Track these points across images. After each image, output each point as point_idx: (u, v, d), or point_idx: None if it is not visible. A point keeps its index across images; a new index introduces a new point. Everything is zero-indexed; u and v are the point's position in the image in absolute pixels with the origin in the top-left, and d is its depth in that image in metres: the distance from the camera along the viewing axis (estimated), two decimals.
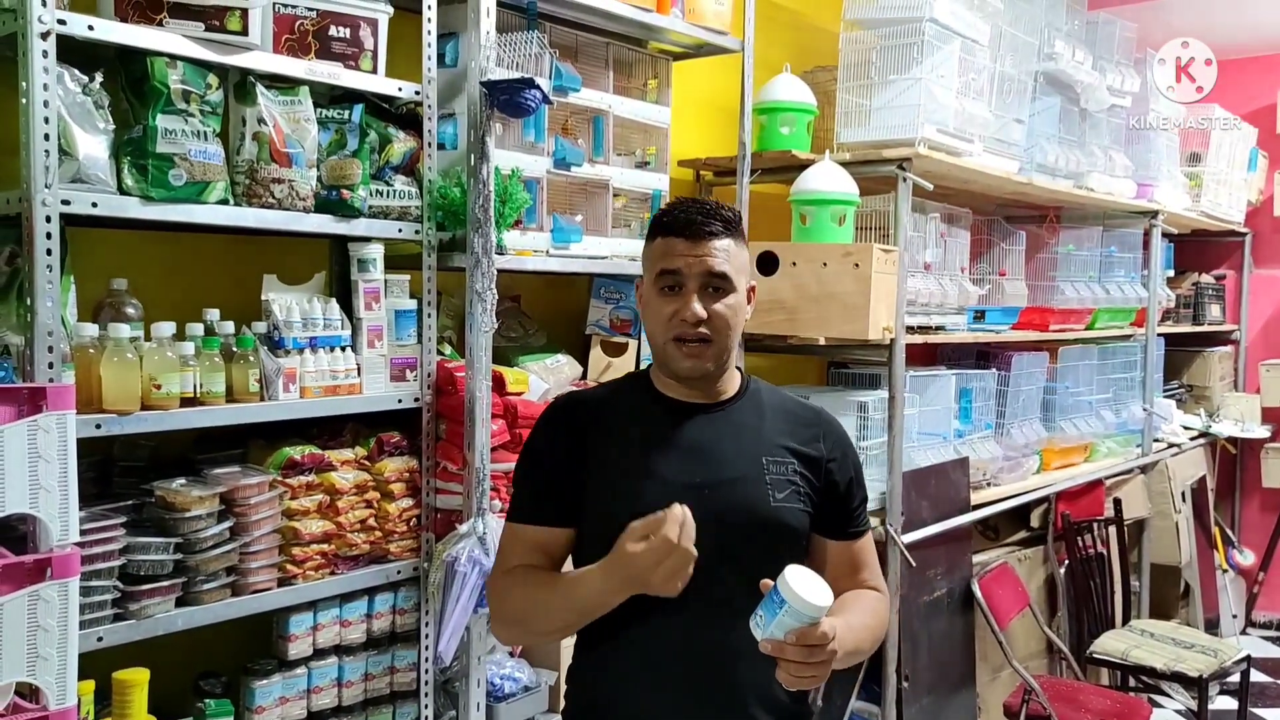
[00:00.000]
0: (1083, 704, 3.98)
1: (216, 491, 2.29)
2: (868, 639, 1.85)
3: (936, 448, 3.94)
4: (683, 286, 1.80)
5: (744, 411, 1.90)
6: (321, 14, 2.42)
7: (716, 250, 1.80)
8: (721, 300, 1.80)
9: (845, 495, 1.93)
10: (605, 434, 1.87)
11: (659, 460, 1.82)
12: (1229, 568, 6.21)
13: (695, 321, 1.78)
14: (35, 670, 1.81)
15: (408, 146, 2.64)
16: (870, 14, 3.71)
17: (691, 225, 1.80)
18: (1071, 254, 4.99)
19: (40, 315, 1.96)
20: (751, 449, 1.86)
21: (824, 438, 1.92)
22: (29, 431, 1.78)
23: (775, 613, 1.58)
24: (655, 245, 1.85)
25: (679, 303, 1.79)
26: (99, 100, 2.10)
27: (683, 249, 1.80)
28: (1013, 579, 4.23)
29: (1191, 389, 6.44)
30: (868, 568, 1.97)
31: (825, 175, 3.49)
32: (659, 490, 1.77)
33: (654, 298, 1.83)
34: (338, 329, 2.52)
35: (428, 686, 2.73)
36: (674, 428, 1.86)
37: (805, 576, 1.59)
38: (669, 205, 1.89)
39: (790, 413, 1.95)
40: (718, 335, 1.80)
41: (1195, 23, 5.34)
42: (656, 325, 1.83)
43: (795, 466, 1.87)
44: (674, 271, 1.80)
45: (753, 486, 1.83)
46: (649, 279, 1.86)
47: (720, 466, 1.83)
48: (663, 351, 1.84)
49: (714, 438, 1.85)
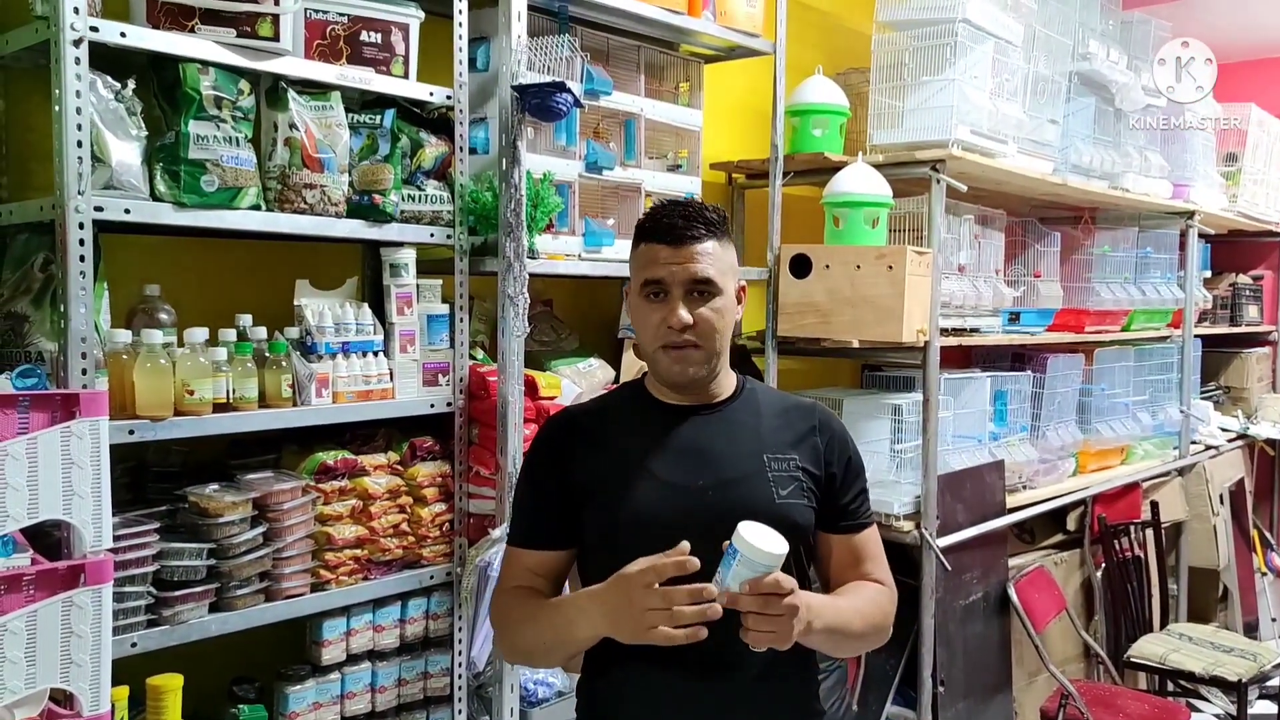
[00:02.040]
0: (1120, 709, 3.93)
1: (249, 497, 2.30)
2: (856, 621, 1.81)
3: (971, 450, 3.90)
4: (668, 293, 1.78)
5: (741, 411, 1.89)
6: (353, 19, 2.42)
7: (700, 255, 1.78)
8: (707, 304, 1.78)
9: (843, 488, 1.91)
10: (602, 446, 1.86)
11: (659, 464, 1.81)
12: (1268, 571, 6.12)
13: (681, 328, 1.76)
14: (69, 676, 1.81)
15: (439, 151, 2.64)
16: (903, 15, 3.68)
17: (673, 230, 1.78)
18: (1107, 255, 4.94)
19: (73, 321, 1.97)
20: (752, 447, 1.84)
21: (820, 431, 1.91)
22: (62, 438, 1.79)
23: (730, 564, 1.58)
24: (639, 252, 1.83)
25: (664, 310, 1.78)
26: (131, 107, 2.11)
27: (666, 256, 1.78)
28: (1049, 582, 4.19)
29: (1229, 390, 6.37)
30: (871, 560, 1.94)
31: (858, 177, 3.46)
32: (662, 493, 1.77)
33: (640, 305, 1.82)
34: (370, 334, 2.52)
35: (461, 691, 2.72)
36: (672, 431, 1.84)
37: (758, 530, 1.59)
38: (651, 210, 1.87)
39: (787, 409, 1.93)
40: (704, 340, 1.79)
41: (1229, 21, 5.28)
42: (644, 333, 1.83)
43: (796, 462, 1.85)
44: (658, 280, 1.78)
45: (756, 485, 1.81)
46: (634, 286, 1.84)
47: (722, 467, 1.81)
48: (653, 359, 1.84)
49: (713, 439, 1.84)
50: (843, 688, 3.49)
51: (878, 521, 3.50)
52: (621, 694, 1.82)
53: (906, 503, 3.56)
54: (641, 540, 1.68)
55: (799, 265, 3.49)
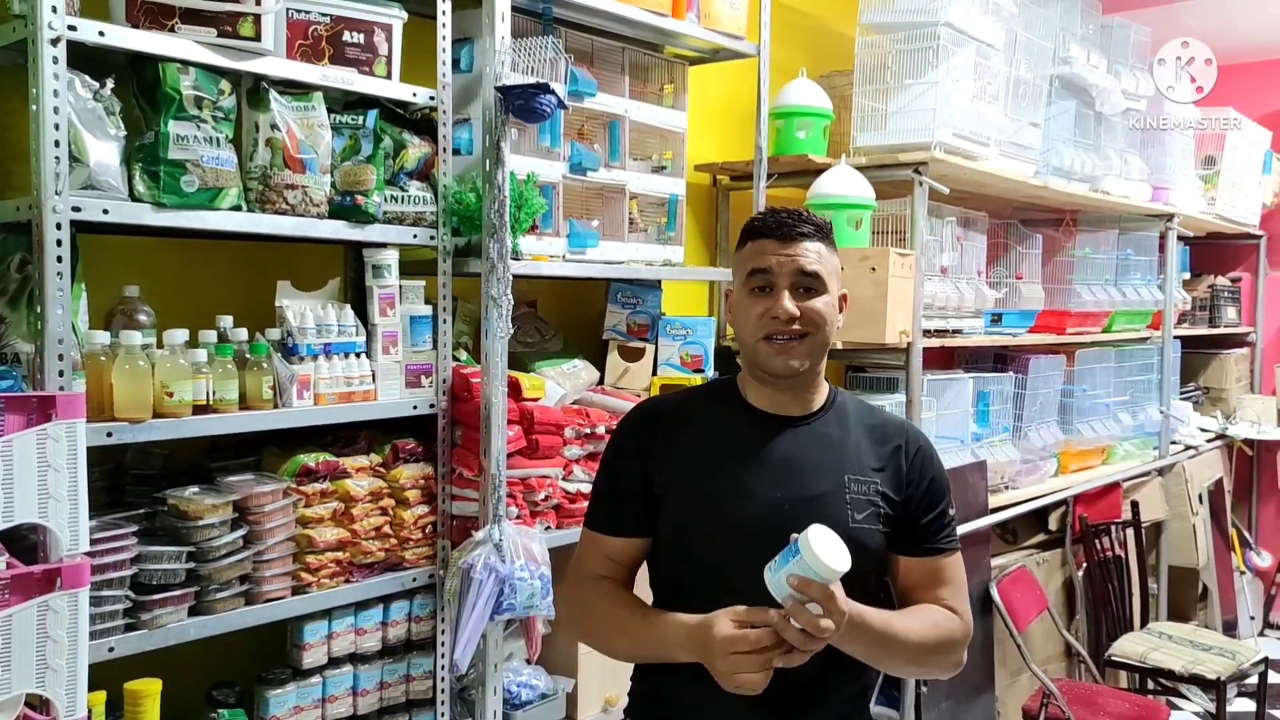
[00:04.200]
0: (1101, 707, 3.96)
1: (230, 499, 2.28)
2: (909, 635, 1.76)
3: (954, 451, 3.91)
4: (774, 286, 1.78)
5: (830, 425, 1.86)
6: (335, 19, 2.40)
7: (808, 250, 1.79)
8: (814, 299, 1.78)
9: (921, 510, 1.86)
10: (687, 442, 1.84)
11: (742, 472, 1.79)
12: (1246, 569, 6.18)
13: (787, 318, 1.75)
14: (45, 681, 1.79)
15: (422, 152, 2.63)
16: (886, 18, 3.69)
17: (782, 226, 1.80)
18: (1088, 257, 4.97)
19: (50, 323, 1.95)
20: (835, 465, 1.82)
21: (906, 453, 1.87)
22: (38, 441, 1.77)
23: (787, 560, 1.57)
24: (746, 250, 1.84)
25: (769, 301, 1.77)
26: (110, 106, 2.09)
27: (773, 248, 1.79)
28: (1031, 582, 4.20)
29: (1208, 391, 6.43)
30: (948, 586, 1.88)
31: (841, 180, 3.47)
32: (744, 503, 1.76)
33: (744, 299, 1.82)
34: (352, 335, 2.50)
35: (444, 695, 2.71)
36: (759, 439, 1.82)
37: (827, 538, 1.57)
38: (758, 214, 1.89)
39: (875, 427, 1.89)
40: (812, 329, 1.78)
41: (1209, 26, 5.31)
42: (746, 326, 1.81)
43: (876, 485, 1.82)
44: (765, 270, 1.78)
45: (833, 505, 1.78)
46: (739, 282, 1.84)
47: (803, 482, 1.79)
48: (754, 351, 1.81)
49: (799, 452, 1.82)
50: None
51: None
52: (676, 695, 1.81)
53: None
54: (711, 546, 1.71)
55: None
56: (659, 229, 3.29)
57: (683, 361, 3.24)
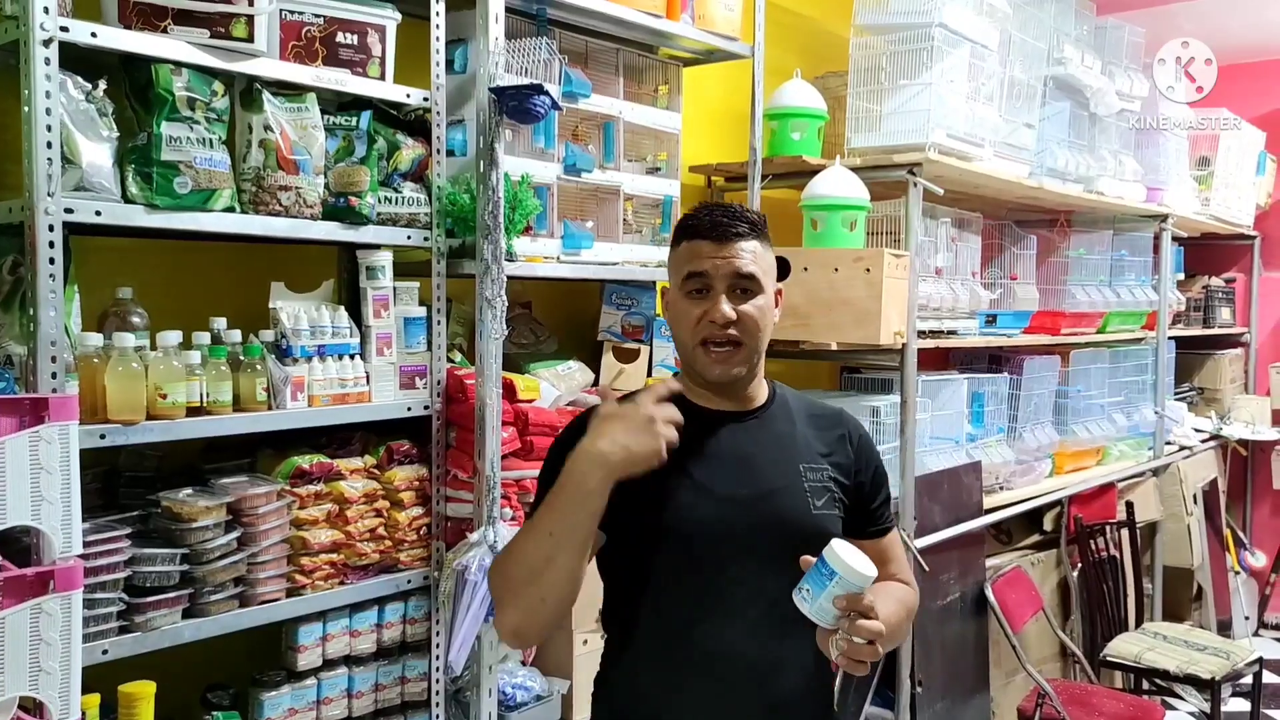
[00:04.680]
0: (1096, 707, 3.96)
1: (224, 501, 2.27)
2: (895, 622, 1.80)
3: (949, 452, 3.91)
4: (710, 289, 1.77)
5: (777, 419, 1.88)
6: (329, 21, 2.40)
7: (743, 251, 1.77)
8: (750, 301, 1.78)
9: (871, 495, 1.92)
10: None
11: (700, 471, 1.78)
12: (1241, 570, 6.19)
13: (724, 323, 1.75)
14: (38, 684, 1.79)
15: (416, 153, 2.62)
16: (880, 19, 3.69)
17: (717, 227, 1.78)
18: (1082, 258, 4.98)
19: (43, 325, 1.94)
20: (789, 458, 1.83)
21: (850, 439, 1.92)
22: (30, 443, 1.76)
23: (824, 584, 1.57)
24: (681, 250, 1.82)
25: (707, 304, 1.77)
26: (103, 108, 2.08)
27: (709, 251, 1.77)
28: (1026, 583, 4.21)
29: (1202, 392, 6.43)
30: (895, 562, 1.97)
31: (836, 180, 3.47)
32: (704, 501, 1.75)
33: (681, 301, 1.81)
34: (346, 337, 2.50)
35: (439, 696, 2.70)
36: (711, 438, 1.82)
37: (850, 549, 1.59)
38: (693, 209, 1.86)
39: (817, 416, 1.93)
40: (747, 337, 1.77)
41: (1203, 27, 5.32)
42: (684, 329, 1.81)
43: (829, 472, 1.85)
44: (701, 274, 1.77)
45: (794, 496, 1.80)
46: (675, 284, 1.83)
47: (762, 478, 1.80)
48: (692, 356, 1.81)
49: (753, 448, 1.83)
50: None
51: None
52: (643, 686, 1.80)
53: None
54: (686, 548, 1.69)
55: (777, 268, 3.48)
56: (654, 230, 3.29)
57: (677, 363, 3.24)
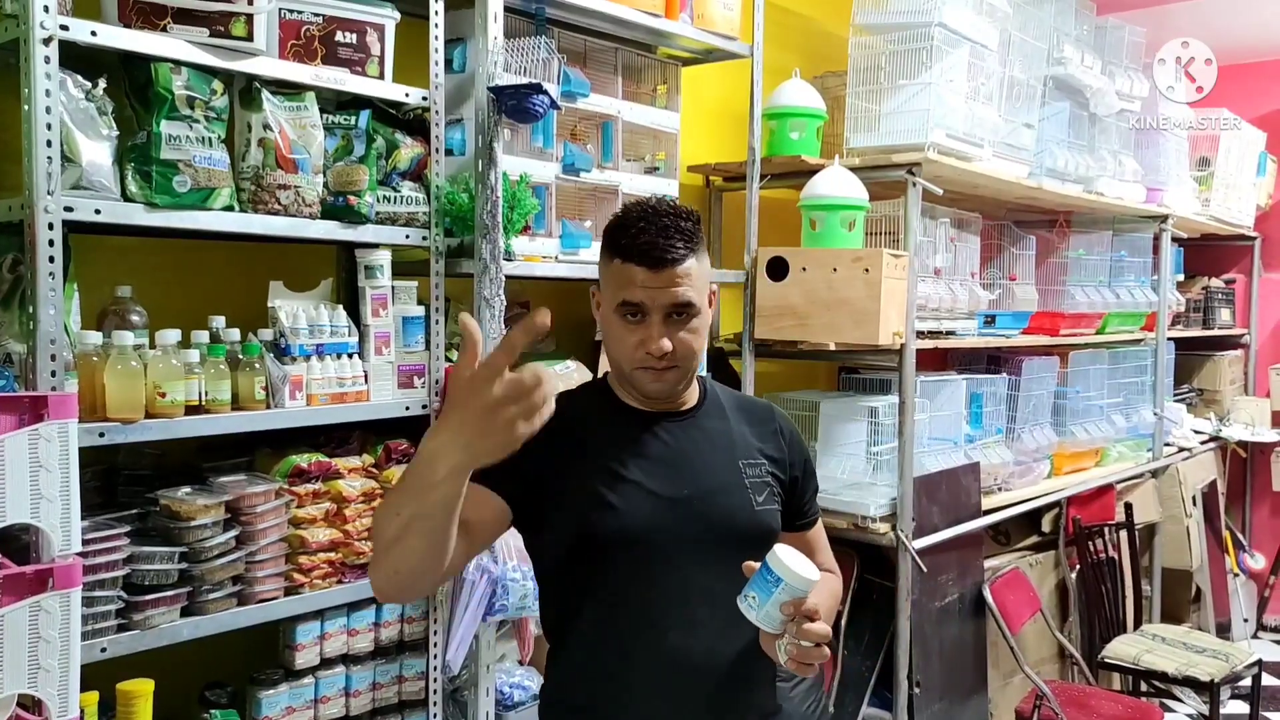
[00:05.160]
0: (1094, 709, 3.95)
1: (222, 500, 2.28)
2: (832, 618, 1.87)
3: (947, 453, 3.91)
4: (646, 315, 1.73)
5: (711, 417, 1.88)
6: (328, 19, 2.40)
7: (680, 278, 1.70)
8: (686, 327, 1.74)
9: (802, 489, 1.94)
10: (577, 440, 1.78)
11: (641, 473, 1.77)
12: (1240, 572, 6.18)
13: (661, 355, 1.72)
14: (37, 682, 1.79)
15: (415, 152, 2.63)
16: (879, 19, 3.69)
17: (653, 251, 1.69)
18: (1081, 258, 4.97)
19: (43, 323, 1.94)
20: (727, 455, 1.84)
21: (781, 433, 1.93)
22: (30, 441, 1.77)
23: (770, 591, 1.57)
24: (614, 267, 1.74)
25: (643, 332, 1.73)
26: (102, 106, 2.08)
27: (644, 279, 1.70)
28: (1024, 584, 4.21)
29: (1202, 393, 6.43)
30: (822, 550, 2.01)
31: (835, 180, 3.47)
32: (650, 504, 1.74)
33: (616, 323, 1.75)
34: (345, 336, 2.50)
35: (436, 695, 2.70)
36: (648, 438, 1.81)
37: (792, 552, 1.60)
38: (624, 220, 1.75)
39: (749, 411, 1.94)
40: (683, 362, 1.76)
41: (1204, 27, 5.32)
42: (619, 351, 1.77)
43: (766, 467, 1.86)
44: (636, 304, 1.72)
45: (736, 494, 1.81)
46: (609, 302, 1.76)
47: (703, 477, 1.80)
48: (629, 376, 1.79)
49: (690, 447, 1.82)
50: (819, 689, 3.49)
51: (854, 524, 3.55)
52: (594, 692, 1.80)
53: (882, 505, 3.56)
54: (632, 550, 1.68)
55: (776, 268, 3.49)
56: None
57: None
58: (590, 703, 1.79)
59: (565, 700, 1.85)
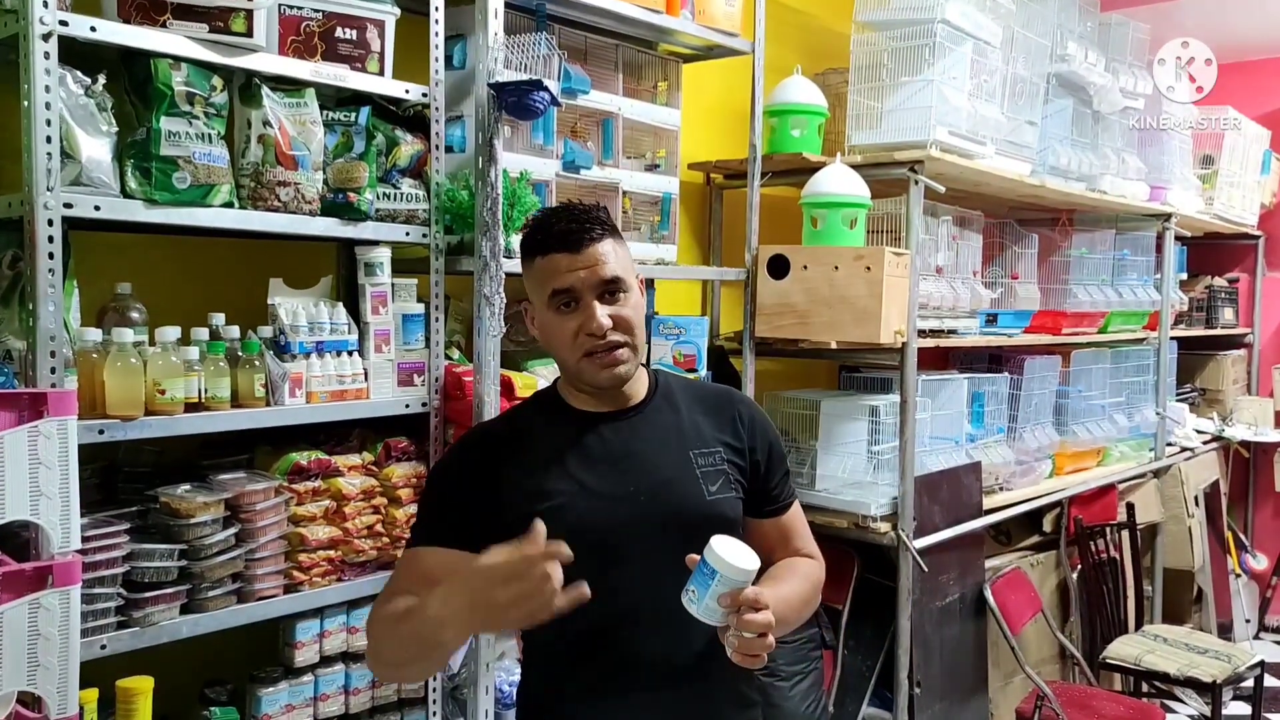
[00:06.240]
0: (1096, 710, 3.95)
1: (222, 498, 2.27)
2: (799, 607, 1.84)
3: (948, 452, 3.91)
4: (579, 300, 1.74)
5: (661, 410, 1.87)
6: (327, 15, 2.40)
7: (602, 255, 1.74)
8: (620, 303, 1.76)
9: (768, 474, 1.91)
10: (521, 458, 1.80)
11: (585, 474, 1.77)
12: (1242, 572, 6.18)
13: (603, 333, 1.73)
14: (36, 679, 1.79)
15: (415, 149, 2.62)
16: (882, 16, 3.68)
17: (570, 235, 1.74)
18: (1084, 257, 4.97)
19: (42, 319, 1.94)
20: (677, 446, 1.83)
21: (740, 419, 1.90)
22: (29, 437, 1.77)
23: (708, 584, 1.57)
24: (537, 267, 1.77)
25: (581, 317, 1.74)
26: (102, 102, 2.08)
27: (567, 264, 1.73)
28: (1025, 584, 4.20)
29: (1204, 393, 6.42)
30: (799, 536, 1.97)
31: (836, 178, 3.46)
32: (593, 504, 1.74)
33: (551, 318, 1.77)
34: (344, 333, 2.50)
35: (436, 694, 2.70)
36: (594, 440, 1.81)
37: (730, 544, 1.59)
38: (536, 221, 1.82)
39: (705, 400, 1.92)
40: (629, 336, 1.76)
41: (1207, 24, 5.31)
42: (562, 346, 1.78)
43: (722, 455, 1.85)
44: (567, 289, 1.74)
45: (687, 485, 1.80)
46: (540, 302, 1.78)
47: (650, 471, 1.79)
48: (576, 370, 1.79)
49: (638, 443, 1.82)
50: (819, 689, 3.49)
51: (854, 523, 3.54)
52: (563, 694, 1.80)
53: (883, 504, 3.56)
54: (577, 554, 1.65)
55: (777, 266, 3.48)
56: (652, 228, 3.28)
57: (676, 361, 3.24)
58: (556, 704, 1.80)
59: (534, 702, 1.86)
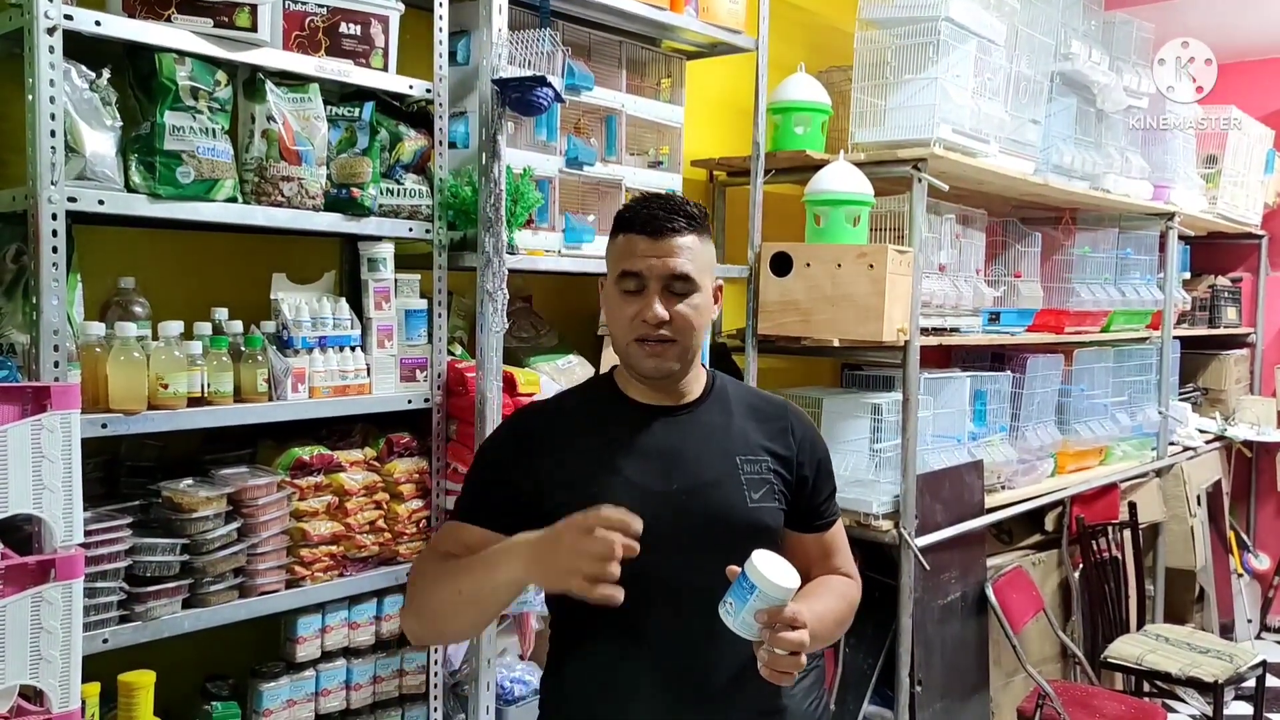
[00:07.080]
0: (1097, 709, 3.95)
1: (224, 492, 2.27)
2: (833, 627, 1.85)
3: (951, 450, 3.91)
4: (645, 287, 1.76)
5: (712, 412, 1.87)
6: (332, 11, 2.40)
7: (679, 249, 1.75)
8: (684, 301, 1.76)
9: (815, 489, 1.91)
10: (568, 442, 1.82)
11: (629, 466, 1.78)
12: (1244, 572, 6.17)
13: (657, 323, 1.74)
14: (38, 672, 1.79)
15: (419, 145, 2.62)
16: (885, 13, 3.68)
17: (654, 222, 1.76)
18: (1087, 256, 4.96)
19: (45, 313, 1.94)
20: (724, 450, 1.83)
21: (792, 432, 1.90)
22: (32, 431, 1.76)
23: (746, 598, 1.57)
24: (618, 243, 1.81)
25: (640, 304, 1.76)
26: (106, 97, 2.08)
27: (644, 248, 1.75)
28: (1027, 583, 4.20)
29: (1207, 392, 6.42)
30: (839, 553, 1.98)
31: (840, 176, 3.46)
32: (633, 496, 1.72)
33: (616, 296, 1.79)
34: (347, 329, 2.50)
35: (437, 689, 2.70)
36: (642, 432, 1.82)
37: (771, 560, 1.59)
38: (632, 201, 1.85)
39: (758, 409, 1.92)
40: (680, 336, 1.77)
41: (1212, 24, 5.31)
42: (619, 326, 1.80)
43: (769, 464, 1.84)
44: (635, 273, 1.76)
45: (729, 489, 1.80)
46: (612, 277, 1.81)
47: (695, 470, 1.79)
48: (625, 352, 1.81)
49: (685, 440, 1.82)
50: (820, 687, 3.49)
51: (856, 521, 3.54)
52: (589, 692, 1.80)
53: (885, 502, 3.56)
54: None
55: (780, 263, 3.48)
56: None
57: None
58: (585, 701, 1.80)
59: (562, 699, 1.85)
